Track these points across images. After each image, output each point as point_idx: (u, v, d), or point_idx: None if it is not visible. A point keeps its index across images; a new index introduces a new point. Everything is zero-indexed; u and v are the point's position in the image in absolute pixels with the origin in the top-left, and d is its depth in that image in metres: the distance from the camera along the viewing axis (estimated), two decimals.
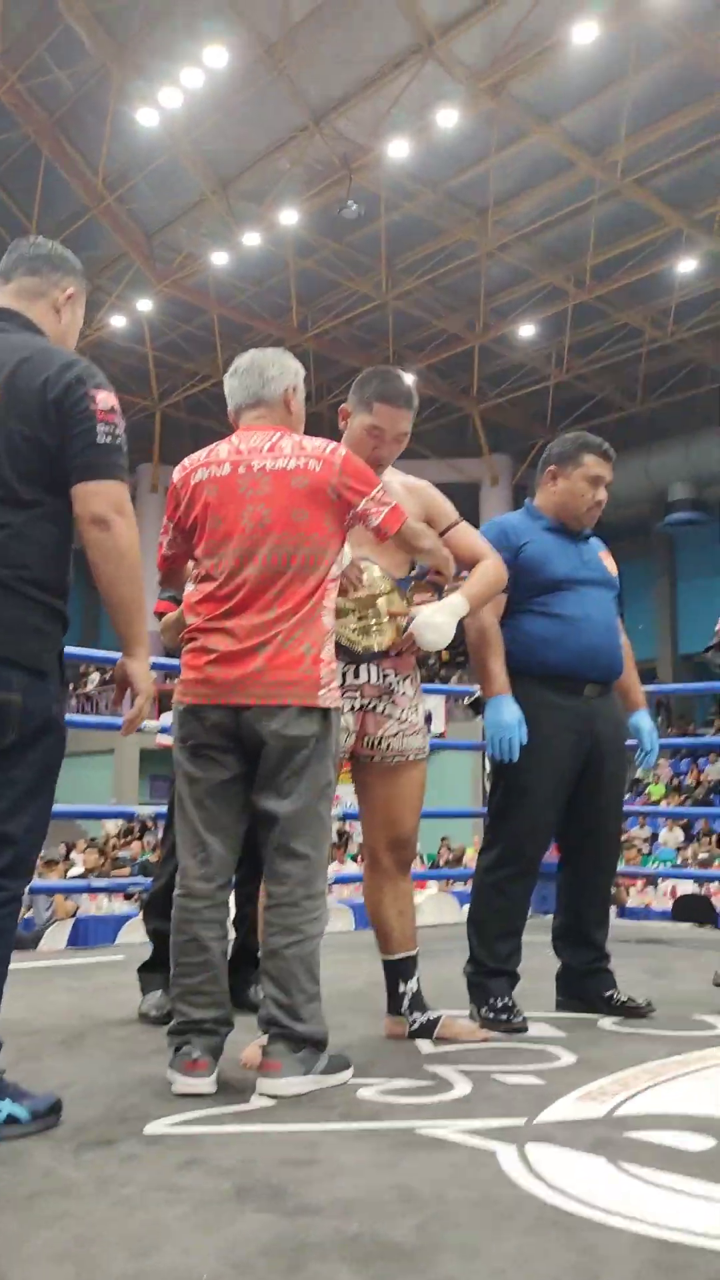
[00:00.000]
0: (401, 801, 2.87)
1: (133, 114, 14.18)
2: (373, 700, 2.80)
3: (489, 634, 3.09)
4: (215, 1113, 2.13)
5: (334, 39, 13.10)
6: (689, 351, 19.28)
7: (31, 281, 2.25)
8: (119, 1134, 1.98)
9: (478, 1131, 1.98)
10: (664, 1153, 1.87)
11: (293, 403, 2.60)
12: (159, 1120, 2.06)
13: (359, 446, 2.80)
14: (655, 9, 11.55)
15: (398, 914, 2.90)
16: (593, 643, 3.17)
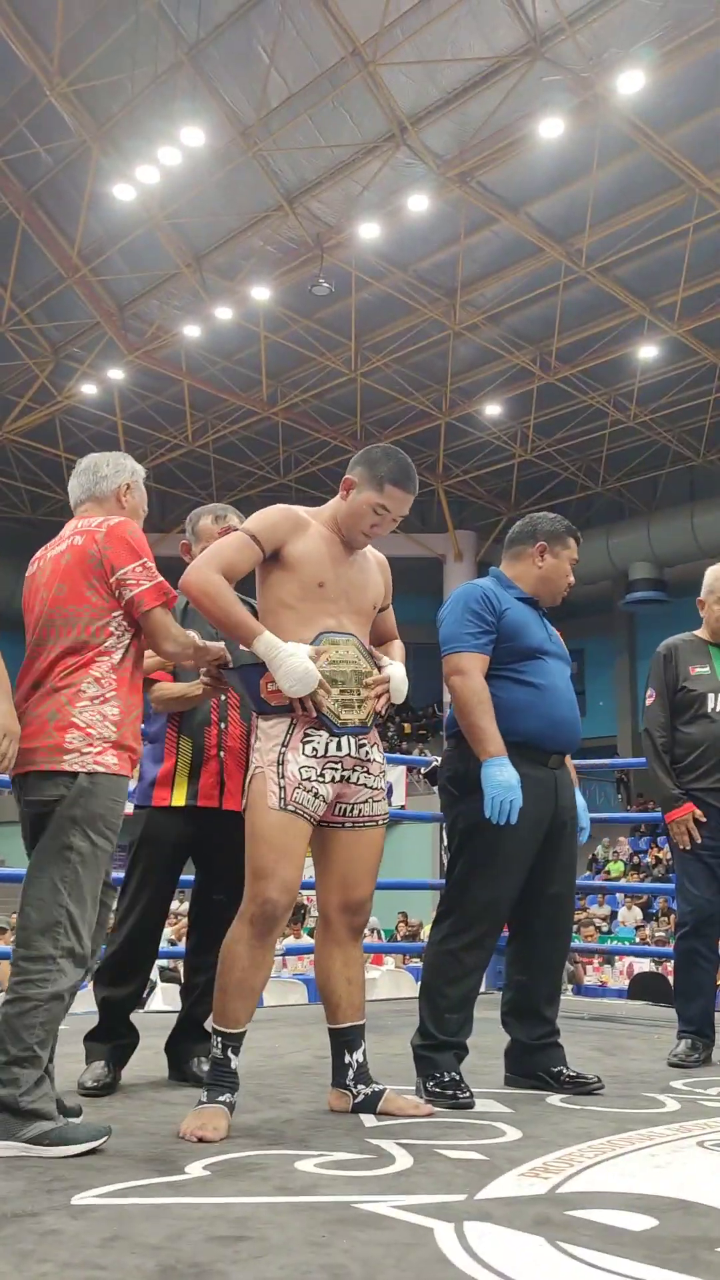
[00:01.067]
0: (361, 864, 2.84)
1: (110, 189, 14.46)
2: (350, 771, 2.77)
3: (482, 694, 3.07)
4: (147, 1183, 2.05)
5: (308, 124, 13.48)
6: (650, 434, 19.69)
7: None
8: (44, 1205, 1.90)
9: (416, 1208, 1.92)
10: (605, 1232, 1.82)
11: (125, 499, 2.76)
12: (87, 1191, 1.99)
13: (359, 520, 2.82)
14: (618, 109, 11.99)
15: (346, 982, 2.84)
16: (562, 713, 3.20)
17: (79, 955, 2.35)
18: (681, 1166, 2.32)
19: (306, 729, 2.70)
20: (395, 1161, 2.27)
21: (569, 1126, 2.66)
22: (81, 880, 2.38)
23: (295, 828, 2.67)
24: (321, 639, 2.74)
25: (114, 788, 2.47)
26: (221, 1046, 2.62)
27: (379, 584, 2.94)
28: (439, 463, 21.02)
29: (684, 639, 3.96)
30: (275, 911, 2.64)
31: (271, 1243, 1.73)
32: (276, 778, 2.66)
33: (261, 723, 2.74)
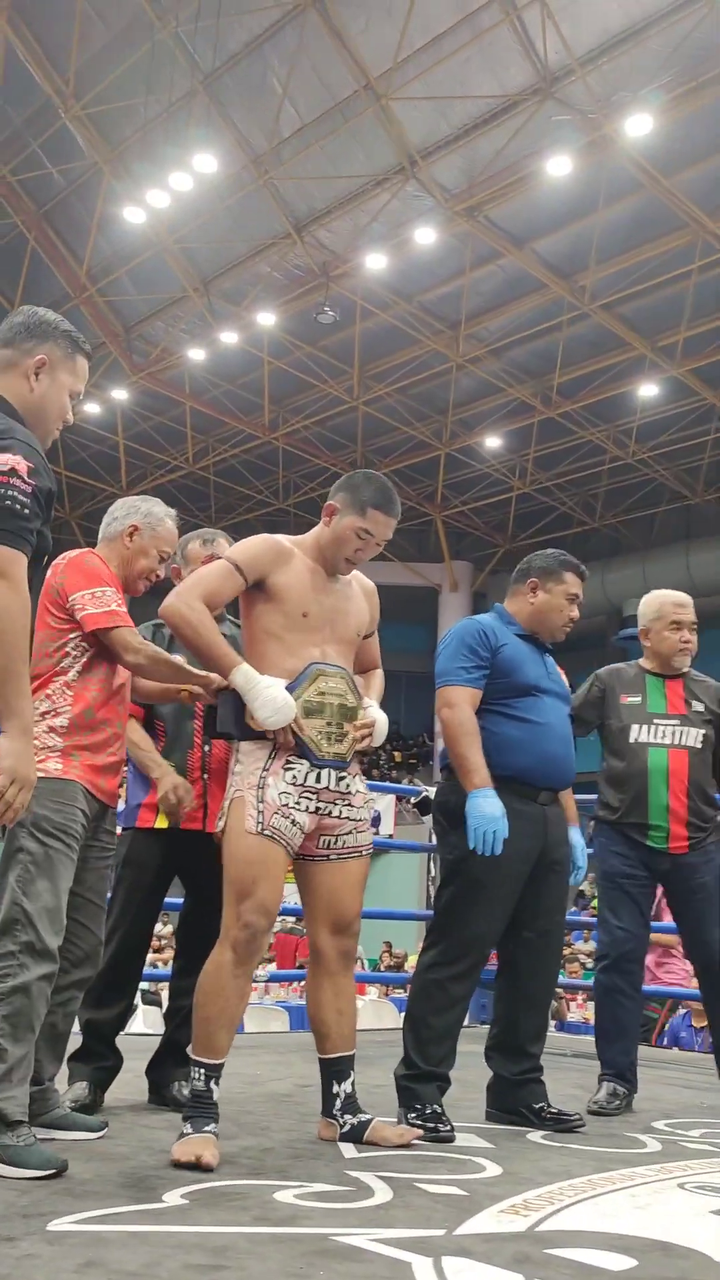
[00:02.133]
0: (347, 888, 2.84)
1: (120, 211, 14.59)
2: (329, 805, 2.77)
3: (469, 726, 3.09)
4: (124, 1210, 2.04)
5: (319, 154, 13.62)
6: (648, 472, 19.80)
7: (4, 354, 2.29)
8: (20, 1230, 1.89)
9: (394, 1241, 1.91)
10: (583, 1271, 1.81)
11: (129, 541, 2.91)
12: (64, 1217, 1.97)
13: (342, 545, 2.84)
14: (625, 149, 12.14)
15: (337, 1013, 2.84)
16: (554, 750, 3.21)
17: (40, 950, 2.40)
18: (662, 1208, 2.31)
19: (288, 757, 2.71)
20: (374, 1194, 2.26)
21: (549, 1164, 2.65)
22: (35, 879, 2.45)
23: (273, 853, 2.67)
24: (312, 669, 2.75)
25: (57, 791, 2.55)
26: (204, 1077, 2.60)
27: (363, 611, 2.95)
28: (438, 493, 21.11)
29: (621, 668, 3.94)
30: (256, 935, 2.64)
31: (250, 1273, 1.73)
32: (255, 801, 2.67)
33: (243, 746, 2.75)
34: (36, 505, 2.11)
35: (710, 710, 3.78)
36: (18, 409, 2.24)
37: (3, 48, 13.53)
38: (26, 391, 2.27)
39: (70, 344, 2.35)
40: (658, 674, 3.86)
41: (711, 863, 3.70)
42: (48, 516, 2.19)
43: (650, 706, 3.77)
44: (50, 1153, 2.29)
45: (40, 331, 2.32)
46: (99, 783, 2.67)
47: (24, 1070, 2.36)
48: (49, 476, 2.18)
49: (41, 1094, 2.59)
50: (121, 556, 2.90)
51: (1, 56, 13.59)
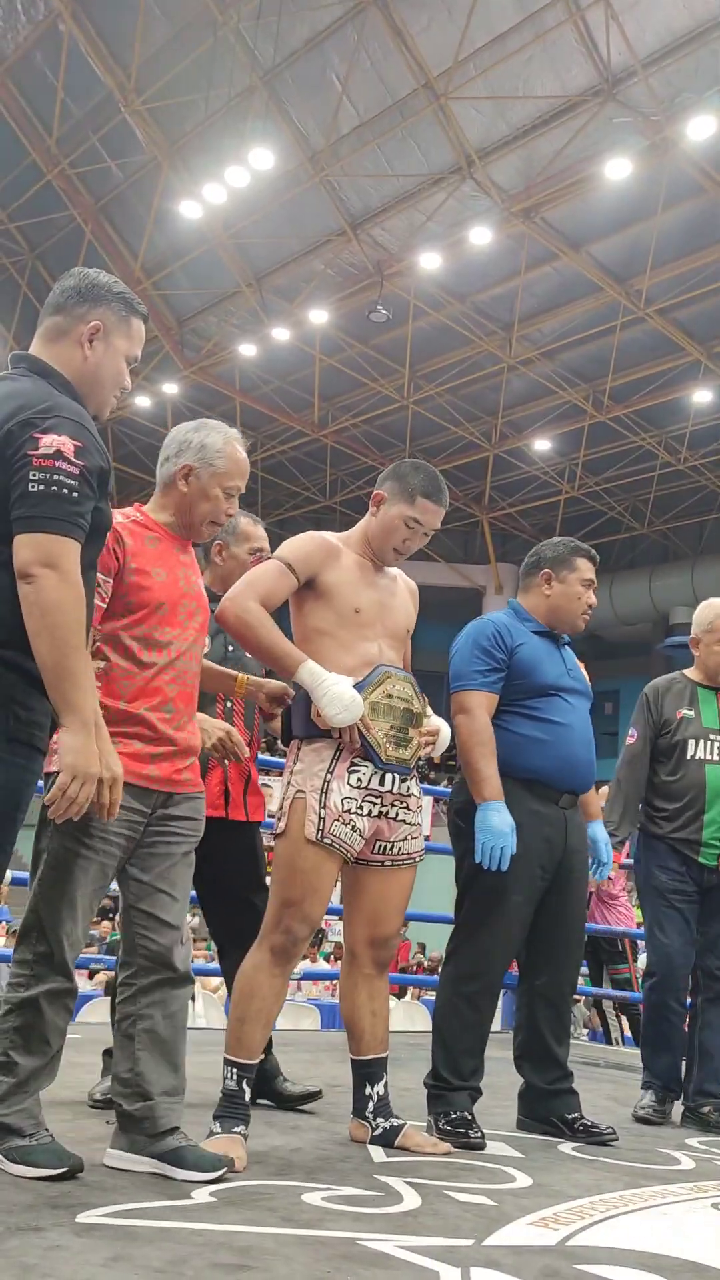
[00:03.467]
0: (391, 902, 2.82)
1: (176, 206, 14.65)
2: (390, 807, 2.76)
3: (484, 734, 3.04)
4: (153, 1206, 2.04)
5: (376, 152, 13.60)
6: (700, 479, 19.59)
7: (55, 321, 2.18)
8: (48, 1221, 1.89)
9: (422, 1249, 1.89)
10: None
11: (185, 483, 2.51)
12: (93, 1210, 1.97)
13: (391, 534, 2.84)
14: (687, 153, 12.00)
15: (371, 1015, 2.82)
16: (575, 752, 3.14)
17: (56, 961, 2.22)
18: (695, 1228, 2.28)
19: (353, 758, 2.68)
20: (403, 1200, 2.24)
21: (581, 1177, 2.62)
22: (52, 882, 2.25)
23: (328, 865, 2.66)
24: (380, 671, 2.72)
25: None
26: (237, 1077, 2.60)
27: (409, 607, 2.94)
28: (485, 494, 21.01)
29: (670, 679, 3.89)
30: (297, 941, 2.64)
31: (275, 1274, 1.71)
32: (318, 806, 2.64)
33: (305, 745, 2.71)
34: (87, 487, 2.00)
35: None
36: (71, 380, 2.13)
37: (66, 41, 13.64)
38: (80, 360, 2.15)
39: (124, 306, 2.20)
40: (708, 686, 3.81)
41: None
42: (103, 494, 2.08)
43: (705, 721, 3.73)
44: (64, 1151, 2.17)
45: (93, 295, 2.18)
46: (146, 771, 2.36)
47: (40, 1081, 2.22)
48: (100, 454, 2.06)
49: (149, 1110, 2.30)
50: (178, 504, 2.51)
51: (64, 50, 13.71)
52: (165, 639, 2.41)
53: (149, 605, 2.39)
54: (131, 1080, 2.32)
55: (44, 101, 14.81)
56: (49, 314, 2.19)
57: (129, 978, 2.37)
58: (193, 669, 2.48)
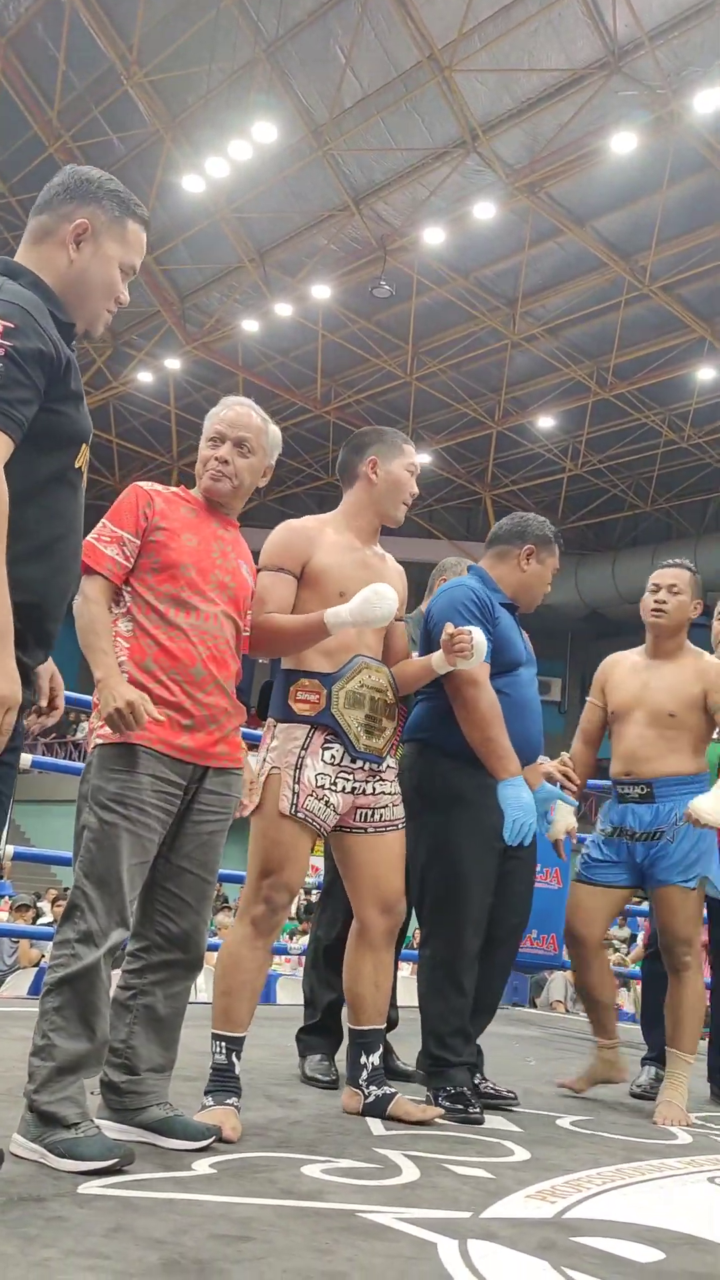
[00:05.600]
0: (387, 863, 2.85)
1: (179, 180, 14.55)
2: (364, 783, 2.79)
3: (498, 708, 3.01)
4: (153, 1178, 2.06)
5: (380, 126, 13.48)
6: (703, 457, 19.51)
7: (40, 220, 1.95)
8: (50, 1192, 1.91)
9: (421, 1221, 1.91)
10: (611, 1261, 1.80)
11: None
12: (94, 1181, 1.99)
13: (400, 488, 2.92)
14: (692, 127, 11.89)
15: (374, 986, 2.87)
16: (529, 728, 3.18)
17: (95, 938, 2.18)
18: (691, 1201, 2.30)
19: (326, 736, 2.71)
20: (402, 1173, 2.26)
21: (578, 1151, 2.64)
22: (95, 858, 2.22)
23: (303, 838, 2.70)
24: (357, 661, 2.75)
25: (112, 758, 2.29)
26: (225, 1051, 2.63)
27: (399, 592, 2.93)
28: (488, 472, 20.93)
29: None
30: (276, 910, 2.69)
31: (275, 1245, 1.73)
32: (292, 782, 2.69)
33: (281, 725, 2.76)
34: (17, 370, 1.71)
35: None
36: (52, 285, 1.90)
37: (67, 13, 13.50)
38: (64, 264, 1.91)
39: (119, 205, 1.96)
40: None
41: None
42: (61, 391, 1.82)
43: None
44: (111, 1142, 2.10)
45: (82, 192, 1.94)
46: (178, 741, 2.32)
47: (83, 1069, 2.16)
48: (46, 340, 1.78)
49: (135, 1084, 2.32)
50: None
51: (66, 22, 13.57)
52: (193, 602, 2.39)
53: (175, 565, 2.39)
54: (122, 1051, 2.34)
55: (45, 74, 14.68)
56: (34, 214, 1.97)
57: (140, 951, 2.38)
58: (225, 641, 2.45)
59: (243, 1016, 2.66)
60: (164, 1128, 2.30)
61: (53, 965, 2.21)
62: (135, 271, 2.02)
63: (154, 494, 2.46)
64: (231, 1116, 2.49)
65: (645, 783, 3.44)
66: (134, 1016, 2.34)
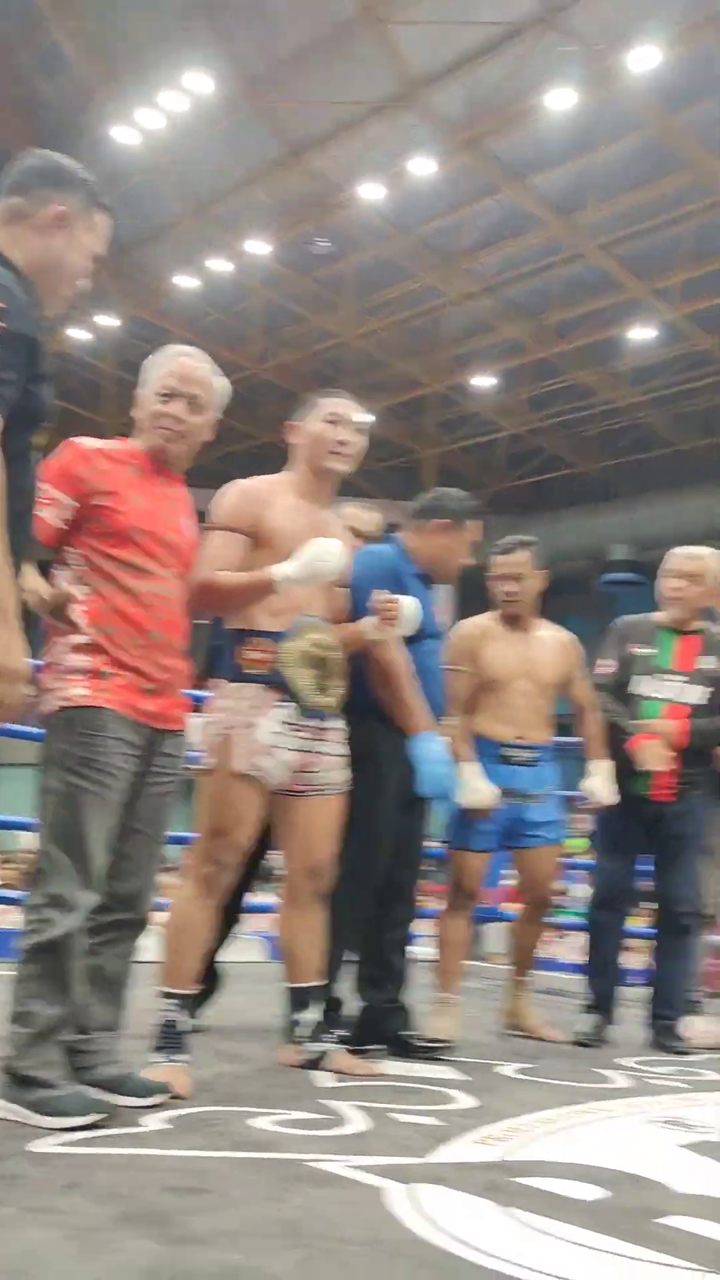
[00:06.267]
0: (322, 830, 2.90)
1: (111, 132, 14.22)
2: (312, 741, 2.83)
3: (409, 669, 3.09)
4: (107, 1134, 2.09)
5: (317, 79, 13.26)
6: (640, 416, 19.67)
7: (13, 203, 2.00)
8: (4, 1152, 1.93)
9: (369, 1168, 1.96)
10: (554, 1200, 1.86)
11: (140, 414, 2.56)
12: (47, 1139, 2.02)
13: (322, 441, 2.92)
14: (629, 85, 11.87)
15: (309, 944, 2.92)
16: (434, 692, 3.28)
17: (67, 902, 2.20)
18: (630, 1141, 2.38)
19: (277, 695, 2.74)
20: (350, 1123, 2.32)
21: (521, 1097, 2.72)
22: (60, 822, 2.23)
23: (254, 794, 2.74)
24: (305, 621, 2.78)
25: (81, 720, 2.27)
26: (176, 1007, 2.65)
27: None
28: (428, 431, 20.92)
29: (639, 619, 3.98)
30: (224, 870, 2.73)
31: (230, 1196, 1.77)
32: (243, 741, 2.69)
33: (230, 685, 2.78)
34: (8, 353, 1.79)
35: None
36: (22, 268, 1.94)
37: None
38: (40, 248, 1.97)
39: (89, 195, 2.05)
40: (671, 629, 3.91)
41: (693, 814, 3.80)
42: (31, 370, 1.87)
43: (660, 661, 3.84)
44: (92, 1099, 2.16)
45: (59, 178, 2.01)
46: (141, 705, 2.34)
47: (61, 1031, 2.20)
48: (25, 319, 1.85)
49: (85, 1044, 2.34)
50: (140, 430, 2.53)
51: None
52: (147, 567, 2.38)
53: (125, 530, 2.36)
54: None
55: None
56: (6, 194, 2.01)
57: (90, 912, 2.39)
58: (177, 603, 2.46)
59: (191, 973, 2.69)
60: (115, 1085, 2.33)
61: (26, 931, 2.22)
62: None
63: (94, 454, 2.40)
64: (182, 1074, 2.52)
65: (532, 747, 3.68)
66: (83, 978, 2.35)
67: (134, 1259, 1.48)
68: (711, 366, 17.67)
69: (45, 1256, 1.47)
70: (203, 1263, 1.48)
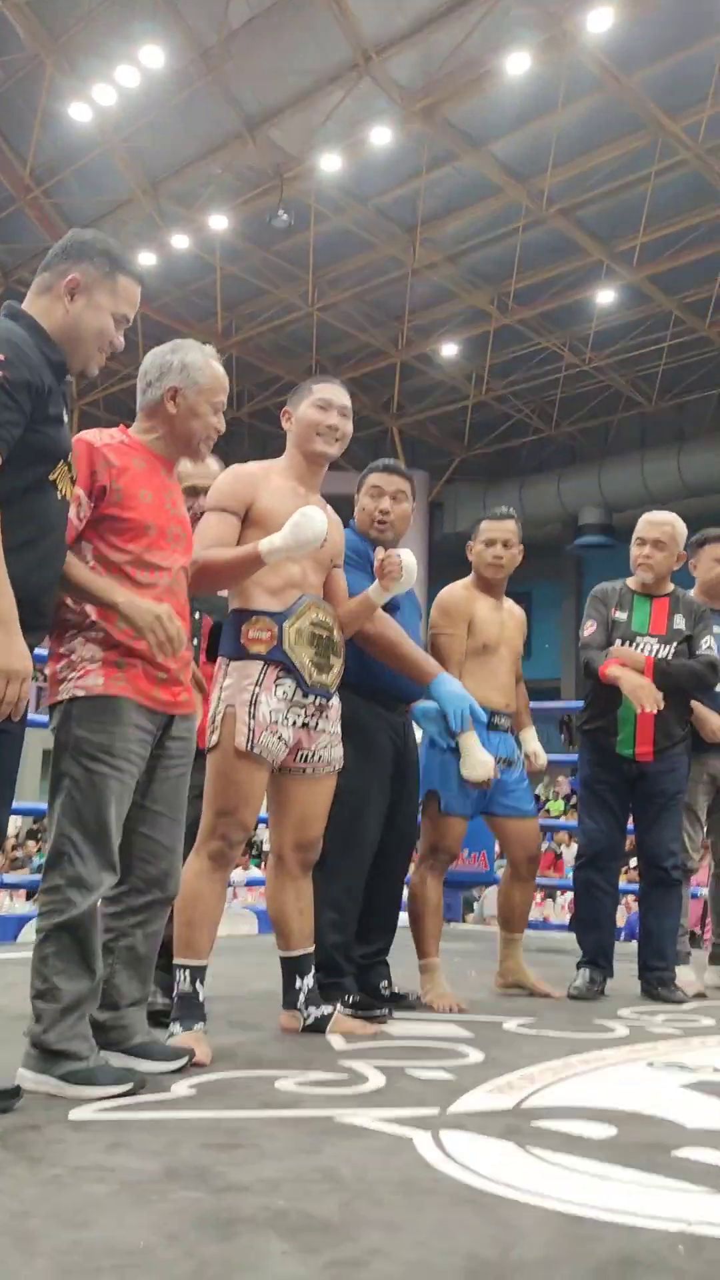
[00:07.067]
0: (315, 808, 3.00)
1: (65, 108, 14.07)
2: (312, 717, 2.90)
3: (399, 627, 3.24)
4: (138, 1100, 2.18)
5: (271, 49, 13.16)
6: (604, 379, 19.77)
7: (42, 277, 2.26)
8: (43, 1119, 2.01)
9: (394, 1120, 2.06)
10: (569, 1139, 1.97)
11: (173, 404, 2.56)
12: (83, 1107, 2.10)
13: (311, 426, 2.98)
14: (586, 48, 11.87)
15: (299, 913, 3.02)
16: None
17: (88, 883, 2.27)
18: (634, 1084, 2.50)
19: (278, 673, 2.81)
20: (369, 1081, 2.41)
21: (528, 1049, 2.83)
22: (81, 807, 2.30)
23: (258, 773, 2.82)
24: (305, 601, 2.85)
25: (98, 710, 2.34)
26: (189, 978, 2.75)
27: (336, 538, 3.07)
28: (394, 401, 20.92)
29: (610, 586, 4.10)
30: (232, 845, 2.81)
31: (265, 1150, 1.87)
32: (248, 719, 2.78)
33: (233, 664, 2.85)
34: (8, 399, 2.01)
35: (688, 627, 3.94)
36: (49, 330, 2.19)
37: None
38: (60, 314, 2.20)
39: (109, 263, 2.25)
40: (643, 594, 4.01)
41: (675, 771, 3.91)
42: (42, 415, 2.08)
43: (635, 625, 3.94)
44: (122, 1070, 2.27)
45: (76, 251, 2.24)
46: (154, 693, 2.41)
47: (86, 1005, 2.27)
48: (32, 370, 2.06)
49: (118, 1019, 2.44)
50: (169, 426, 2.54)
51: None
52: (159, 562, 2.45)
53: (138, 526, 2.41)
54: (104, 990, 2.43)
55: None
56: (38, 272, 2.27)
57: (120, 895, 2.45)
58: (184, 593, 2.54)
59: (204, 945, 2.78)
60: (140, 1051, 2.43)
61: (45, 911, 2.28)
62: (129, 321, 2.29)
63: (106, 450, 2.43)
64: (201, 1041, 2.61)
65: (509, 715, 3.83)
66: (116, 957, 2.44)
67: (185, 1207, 1.57)
68: (675, 328, 17.79)
69: (104, 1206, 1.56)
70: (251, 1208, 1.57)
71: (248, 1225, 1.51)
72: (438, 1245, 1.46)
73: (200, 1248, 1.43)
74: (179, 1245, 1.43)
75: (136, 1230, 1.48)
